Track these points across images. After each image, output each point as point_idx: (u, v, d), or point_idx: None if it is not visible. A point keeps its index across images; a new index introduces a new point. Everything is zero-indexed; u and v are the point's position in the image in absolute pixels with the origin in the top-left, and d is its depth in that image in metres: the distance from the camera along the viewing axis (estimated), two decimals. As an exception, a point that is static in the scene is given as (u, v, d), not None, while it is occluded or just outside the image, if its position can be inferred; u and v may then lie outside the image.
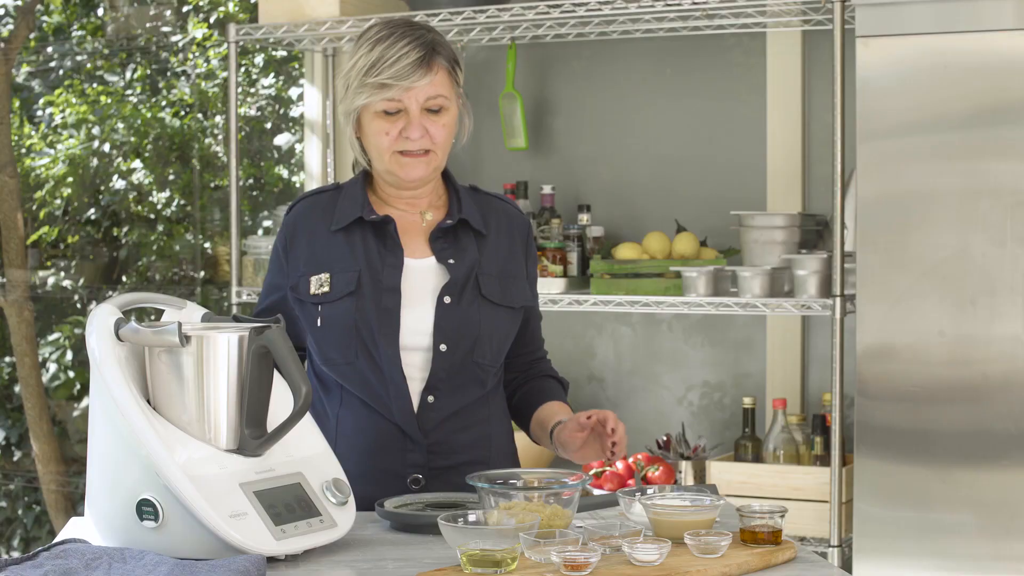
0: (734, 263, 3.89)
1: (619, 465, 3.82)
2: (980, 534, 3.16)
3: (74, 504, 5.71)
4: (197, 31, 5.82)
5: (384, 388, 2.46)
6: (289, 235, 2.56)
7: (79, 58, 6.12)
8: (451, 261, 2.49)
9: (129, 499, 2.03)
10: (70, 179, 5.90)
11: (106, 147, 5.90)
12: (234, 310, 4.18)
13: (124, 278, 5.91)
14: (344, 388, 2.50)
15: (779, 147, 3.99)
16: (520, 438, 2.67)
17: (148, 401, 2.11)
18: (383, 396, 2.46)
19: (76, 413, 5.97)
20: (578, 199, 4.20)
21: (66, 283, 5.98)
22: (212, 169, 5.84)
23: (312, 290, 2.48)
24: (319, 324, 2.47)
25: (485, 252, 2.53)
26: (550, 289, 3.84)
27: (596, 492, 3.76)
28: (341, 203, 2.53)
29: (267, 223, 5.62)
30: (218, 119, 5.85)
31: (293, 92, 5.80)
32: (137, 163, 5.88)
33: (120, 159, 5.91)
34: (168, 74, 5.97)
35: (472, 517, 2.07)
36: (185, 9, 5.88)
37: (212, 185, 5.82)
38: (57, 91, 5.97)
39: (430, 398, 2.47)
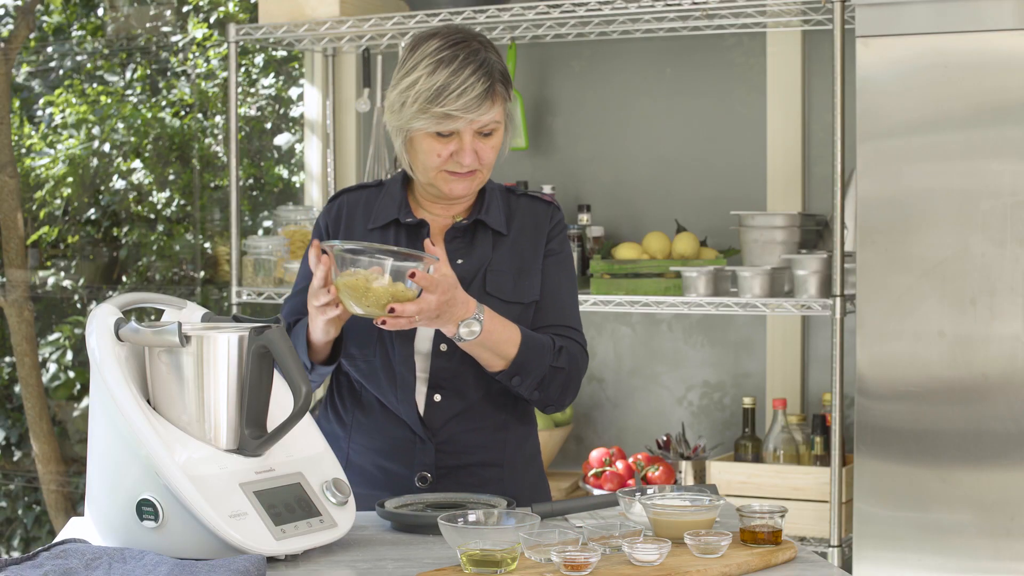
0: (734, 263, 3.89)
1: (619, 465, 3.82)
2: (980, 534, 3.16)
3: (74, 504, 5.71)
4: (197, 31, 5.82)
5: (394, 387, 2.48)
6: (334, 220, 2.56)
7: (79, 58, 6.12)
8: (460, 261, 2.50)
9: (129, 499, 2.03)
10: (70, 179, 5.90)
11: (106, 147, 5.90)
12: (234, 310, 4.18)
13: (124, 278, 5.91)
14: (358, 389, 2.53)
15: (779, 147, 3.99)
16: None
17: (148, 401, 2.11)
18: (393, 395, 2.48)
19: (76, 413, 5.97)
20: (578, 199, 4.20)
21: (66, 283, 5.98)
22: (212, 169, 5.83)
23: None
24: None
25: (501, 250, 2.52)
26: (550, 289, 3.84)
27: (595, 492, 3.76)
28: (381, 202, 2.54)
29: (267, 223, 5.62)
30: (218, 119, 5.85)
31: (293, 92, 5.79)
32: (137, 163, 5.88)
33: (120, 159, 5.91)
34: (168, 74, 5.97)
35: (472, 517, 2.07)
36: (185, 9, 5.88)
37: (212, 185, 5.82)
38: (57, 91, 5.97)
39: (436, 397, 2.49)
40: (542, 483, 2.64)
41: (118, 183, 5.90)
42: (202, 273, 5.78)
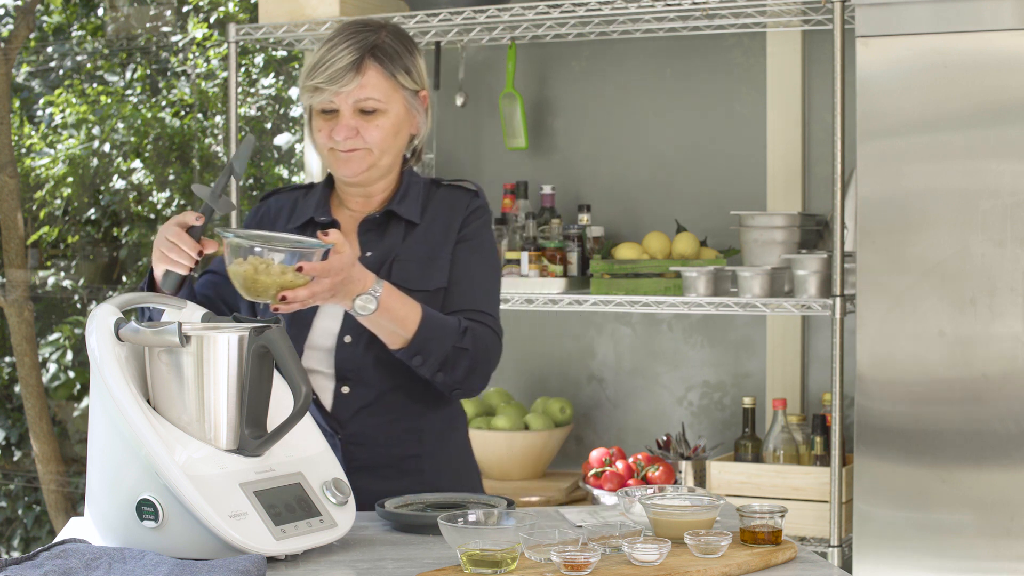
0: (734, 263, 3.89)
1: (619, 465, 3.82)
2: (980, 534, 3.16)
3: (74, 504, 5.71)
4: (197, 31, 5.82)
5: None
6: (256, 225, 2.61)
7: (79, 58, 6.12)
8: (368, 254, 2.52)
9: (129, 499, 2.03)
10: (70, 179, 5.90)
11: (106, 147, 5.90)
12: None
13: (124, 278, 5.91)
14: None
15: (779, 147, 3.99)
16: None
17: (148, 401, 2.11)
18: None
19: (76, 413, 5.98)
20: (578, 199, 4.20)
21: (66, 283, 5.98)
22: (212, 169, 5.84)
23: None
24: None
25: (411, 239, 2.54)
26: (550, 289, 3.85)
27: (595, 492, 3.76)
28: (305, 202, 2.60)
29: (267, 223, 5.61)
30: (218, 119, 5.85)
31: (293, 92, 5.80)
32: (137, 163, 5.88)
33: (120, 159, 5.91)
34: (168, 74, 5.97)
35: (472, 517, 2.07)
36: (185, 9, 5.88)
37: (212, 185, 5.83)
38: (57, 91, 5.97)
39: (344, 389, 2.49)
40: (468, 473, 2.61)
41: (118, 183, 5.91)
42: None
